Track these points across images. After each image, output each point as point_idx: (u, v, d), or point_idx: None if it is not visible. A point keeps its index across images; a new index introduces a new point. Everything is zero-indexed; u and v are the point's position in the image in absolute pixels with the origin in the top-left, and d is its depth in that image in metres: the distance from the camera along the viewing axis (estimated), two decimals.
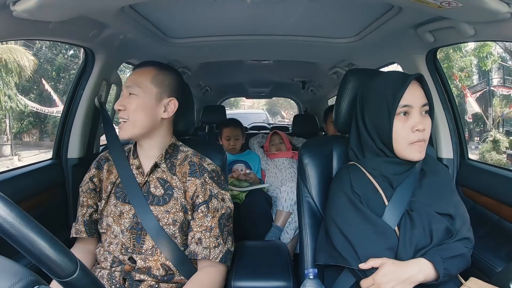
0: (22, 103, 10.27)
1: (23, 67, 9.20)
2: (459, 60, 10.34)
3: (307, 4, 1.15)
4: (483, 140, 10.66)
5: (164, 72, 0.98)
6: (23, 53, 9.17)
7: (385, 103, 0.85)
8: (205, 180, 0.95)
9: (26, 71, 9.46)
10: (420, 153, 0.86)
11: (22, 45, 9.52)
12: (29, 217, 0.42)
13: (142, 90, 0.94)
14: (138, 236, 0.93)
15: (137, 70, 0.99)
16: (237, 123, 2.29)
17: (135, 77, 0.96)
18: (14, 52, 8.75)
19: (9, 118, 10.88)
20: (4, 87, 9.10)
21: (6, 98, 9.49)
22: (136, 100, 0.93)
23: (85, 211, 1.00)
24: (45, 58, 11.87)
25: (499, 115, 11.38)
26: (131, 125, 0.93)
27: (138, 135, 0.96)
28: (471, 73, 11.34)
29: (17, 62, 9.00)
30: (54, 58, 12.64)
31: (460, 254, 0.81)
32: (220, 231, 0.93)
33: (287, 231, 1.84)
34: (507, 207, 1.04)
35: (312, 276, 0.80)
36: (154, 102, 0.95)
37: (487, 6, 0.77)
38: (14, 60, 8.85)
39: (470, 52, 10.39)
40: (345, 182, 0.89)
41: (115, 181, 0.99)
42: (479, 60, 10.09)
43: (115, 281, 0.90)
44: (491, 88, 11.52)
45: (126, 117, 0.94)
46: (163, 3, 1.15)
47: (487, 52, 9.66)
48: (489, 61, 9.80)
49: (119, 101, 0.96)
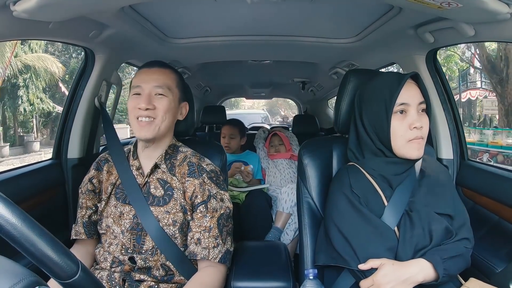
0: (51, 104, 11.42)
1: (52, 73, 10.31)
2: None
3: (307, 4, 1.15)
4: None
5: (181, 77, 1.04)
6: (52, 61, 10.29)
7: (383, 102, 0.86)
8: (203, 181, 0.95)
9: (55, 77, 10.56)
10: (418, 150, 0.86)
11: (51, 54, 10.98)
12: (31, 218, 0.42)
13: (171, 92, 0.96)
14: (138, 236, 0.93)
15: (159, 69, 0.97)
16: (235, 122, 2.28)
17: (162, 78, 0.96)
18: (44, 60, 10.03)
19: (36, 118, 12.15)
20: (36, 90, 10.46)
21: (38, 100, 10.85)
22: (166, 101, 0.95)
23: (84, 212, 1.00)
24: (75, 65, 12.51)
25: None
26: (158, 125, 0.94)
27: (160, 136, 0.97)
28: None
29: (47, 69, 10.18)
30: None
31: (459, 254, 0.81)
32: (219, 231, 0.93)
33: (287, 232, 1.84)
34: (507, 207, 1.04)
35: (312, 277, 0.80)
36: (177, 105, 0.99)
37: (487, 6, 0.77)
38: (44, 67, 10.04)
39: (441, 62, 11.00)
40: (345, 183, 0.89)
41: (115, 182, 0.99)
42: (447, 69, 10.68)
43: (114, 282, 0.90)
44: (464, 91, 11.97)
45: (153, 116, 0.93)
46: (163, 3, 1.15)
47: (454, 62, 10.66)
48: (456, 69, 10.87)
49: (145, 100, 0.92)
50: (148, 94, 0.94)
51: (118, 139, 1.14)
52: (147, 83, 0.94)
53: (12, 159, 9.42)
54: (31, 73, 10.19)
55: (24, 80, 10.26)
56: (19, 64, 9.74)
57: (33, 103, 10.61)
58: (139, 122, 0.93)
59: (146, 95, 0.94)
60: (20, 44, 9.86)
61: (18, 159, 9.44)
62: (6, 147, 10.28)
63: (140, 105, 0.92)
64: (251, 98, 5.95)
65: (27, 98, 10.39)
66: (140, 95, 0.94)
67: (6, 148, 10.26)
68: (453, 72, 11.45)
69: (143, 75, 0.96)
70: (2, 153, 9.95)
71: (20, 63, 9.77)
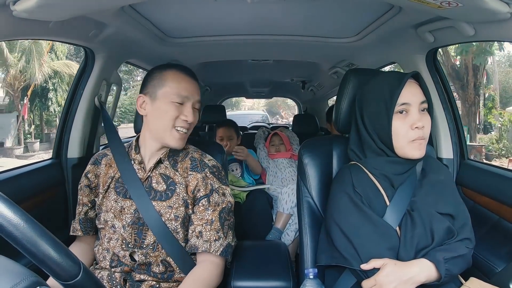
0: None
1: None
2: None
3: (307, 4, 1.15)
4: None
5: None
6: (76, 67, 11.59)
7: (383, 102, 0.86)
8: (206, 175, 0.96)
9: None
10: (420, 150, 0.86)
11: (76, 62, 12.08)
12: (33, 220, 0.42)
13: (199, 104, 0.99)
14: (139, 231, 0.93)
15: (195, 81, 0.99)
16: (230, 123, 2.27)
17: (194, 90, 0.98)
18: (69, 66, 11.09)
19: (58, 117, 13.36)
20: (63, 93, 11.44)
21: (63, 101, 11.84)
22: (197, 114, 0.99)
23: (81, 209, 1.01)
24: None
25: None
26: (188, 135, 0.98)
27: None
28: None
29: (71, 74, 11.05)
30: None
31: (461, 254, 0.81)
32: (220, 224, 0.93)
33: (287, 233, 1.84)
34: (507, 207, 1.04)
35: (312, 276, 0.80)
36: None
37: (487, 6, 0.77)
38: (69, 73, 11.01)
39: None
40: (347, 182, 0.89)
41: (114, 176, 0.99)
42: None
43: (115, 282, 0.90)
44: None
45: (190, 128, 0.97)
46: (163, 3, 1.15)
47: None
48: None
49: (192, 113, 0.96)
50: (190, 107, 0.96)
51: (119, 137, 1.14)
52: (192, 96, 0.97)
53: (42, 154, 10.74)
54: (57, 77, 11.33)
55: (53, 84, 11.35)
56: (49, 69, 10.88)
57: (61, 104, 11.43)
58: (178, 132, 0.95)
59: (191, 107, 0.96)
60: (48, 52, 10.88)
61: (46, 153, 10.64)
62: (36, 143, 11.65)
63: (188, 118, 0.95)
64: (251, 97, 5.97)
65: (56, 100, 11.46)
66: (182, 105, 0.95)
67: (37, 143, 11.63)
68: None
69: (188, 84, 0.97)
70: (34, 148, 11.37)
71: (50, 68, 10.91)
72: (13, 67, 10.36)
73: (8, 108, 11.87)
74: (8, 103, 11.76)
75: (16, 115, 11.54)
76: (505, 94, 15.25)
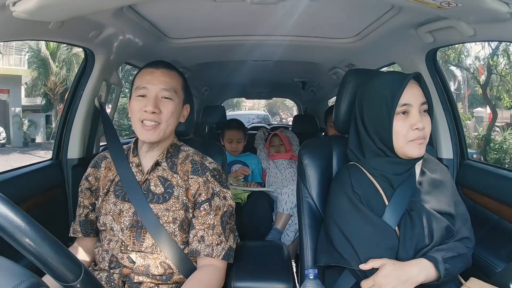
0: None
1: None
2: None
3: (307, 4, 1.15)
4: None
5: (185, 79, 1.03)
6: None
7: (384, 103, 0.86)
8: (207, 179, 0.95)
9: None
10: (419, 150, 0.86)
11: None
12: (34, 222, 0.42)
13: (176, 96, 0.96)
14: (138, 234, 0.93)
15: (165, 71, 0.96)
16: (240, 125, 2.28)
17: (169, 81, 0.95)
18: None
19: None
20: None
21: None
22: (172, 105, 0.94)
23: (81, 211, 1.01)
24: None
25: None
26: (163, 129, 0.94)
27: (164, 138, 0.97)
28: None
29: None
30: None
31: (461, 254, 0.81)
32: (222, 228, 0.93)
33: (287, 233, 1.84)
34: (507, 207, 1.04)
35: (312, 276, 0.80)
36: (181, 108, 0.99)
37: (487, 6, 0.77)
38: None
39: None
40: (346, 182, 0.89)
41: (114, 179, 0.99)
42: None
43: (114, 283, 0.90)
44: None
45: (159, 121, 0.93)
46: (163, 3, 1.15)
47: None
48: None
49: (152, 103, 0.91)
50: (154, 96, 0.92)
51: (118, 139, 1.14)
52: (153, 85, 0.93)
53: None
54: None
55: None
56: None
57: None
58: (144, 126, 0.92)
59: (153, 97, 0.92)
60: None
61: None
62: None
63: (146, 108, 0.91)
64: (251, 98, 5.97)
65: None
66: (145, 97, 0.93)
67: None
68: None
69: (149, 75, 0.94)
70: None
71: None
72: (55, 75, 12.01)
73: (43, 109, 13.37)
74: (44, 105, 13.15)
75: (44, 115, 13.35)
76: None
